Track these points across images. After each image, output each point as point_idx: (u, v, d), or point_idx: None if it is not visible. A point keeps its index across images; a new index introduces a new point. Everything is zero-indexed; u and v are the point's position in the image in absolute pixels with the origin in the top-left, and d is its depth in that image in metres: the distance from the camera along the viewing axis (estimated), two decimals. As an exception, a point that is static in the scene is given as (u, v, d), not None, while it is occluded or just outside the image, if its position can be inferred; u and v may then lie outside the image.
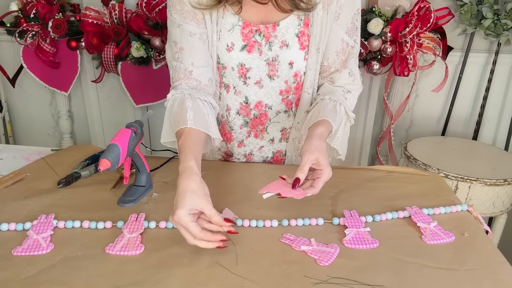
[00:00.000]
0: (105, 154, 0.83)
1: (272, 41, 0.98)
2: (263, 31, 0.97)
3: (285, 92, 1.05)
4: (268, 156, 1.17)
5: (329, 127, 0.92)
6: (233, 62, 1.01)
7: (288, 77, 1.03)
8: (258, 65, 1.01)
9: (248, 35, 0.98)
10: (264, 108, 1.08)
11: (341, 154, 1.00)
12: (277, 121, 1.10)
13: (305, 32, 0.98)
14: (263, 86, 1.04)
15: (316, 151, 0.83)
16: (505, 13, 1.74)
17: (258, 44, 0.99)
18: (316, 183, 0.83)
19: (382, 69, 1.85)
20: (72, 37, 1.89)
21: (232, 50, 0.99)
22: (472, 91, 2.03)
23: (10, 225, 0.83)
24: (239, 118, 1.10)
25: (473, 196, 1.53)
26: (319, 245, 0.79)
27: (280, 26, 0.97)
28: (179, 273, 0.71)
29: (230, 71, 1.02)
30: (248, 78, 1.03)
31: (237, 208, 0.90)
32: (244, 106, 1.08)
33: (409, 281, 0.71)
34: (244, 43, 0.98)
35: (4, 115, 2.27)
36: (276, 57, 1.00)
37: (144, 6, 1.80)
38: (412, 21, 1.69)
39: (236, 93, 1.06)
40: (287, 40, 0.98)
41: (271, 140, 1.14)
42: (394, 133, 2.06)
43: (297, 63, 1.01)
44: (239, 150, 1.15)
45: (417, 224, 0.86)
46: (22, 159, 1.16)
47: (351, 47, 1.02)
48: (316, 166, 0.84)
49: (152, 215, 0.88)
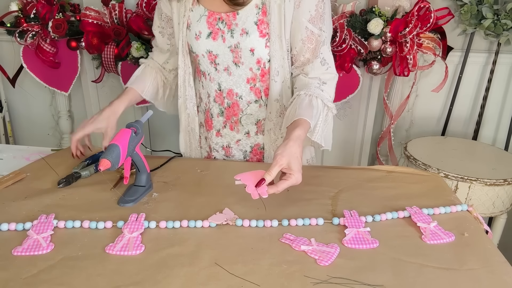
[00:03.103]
0: (105, 154, 0.83)
1: (234, 29, 1.04)
2: (225, 19, 1.04)
3: (252, 80, 1.10)
4: (247, 150, 1.19)
5: (307, 126, 0.94)
6: (202, 49, 1.09)
7: (252, 64, 1.07)
8: (224, 52, 1.07)
9: (212, 23, 1.06)
10: (235, 97, 1.12)
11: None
12: (250, 113, 1.14)
13: (264, 20, 1.02)
14: (231, 73, 1.10)
15: (287, 156, 0.84)
16: (505, 13, 1.73)
17: (221, 31, 1.06)
18: (280, 183, 0.84)
19: (382, 69, 1.85)
20: (72, 37, 1.89)
21: (200, 38, 1.08)
22: (472, 91, 2.03)
23: (10, 225, 0.83)
24: (216, 106, 1.17)
25: (473, 196, 1.53)
26: (319, 245, 0.79)
27: (240, 15, 1.03)
28: (179, 273, 0.71)
29: (202, 58, 1.11)
30: (217, 64, 1.10)
31: (237, 208, 0.90)
32: (218, 93, 1.15)
33: (409, 281, 0.71)
34: (209, 31, 1.07)
35: (4, 115, 2.27)
36: (237, 44, 1.05)
37: (144, 6, 1.80)
38: (412, 21, 1.69)
39: (211, 79, 1.14)
40: (247, 28, 1.03)
41: (247, 134, 1.17)
42: (394, 133, 2.06)
43: (258, 50, 1.05)
44: (217, 140, 1.20)
45: (417, 224, 0.86)
46: (22, 159, 1.16)
47: (318, 36, 1.04)
48: (286, 170, 0.85)
49: (152, 215, 0.88)
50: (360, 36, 1.76)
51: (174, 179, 1.04)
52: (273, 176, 0.84)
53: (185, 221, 0.85)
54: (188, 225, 0.85)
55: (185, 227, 0.84)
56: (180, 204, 0.93)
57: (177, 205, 0.92)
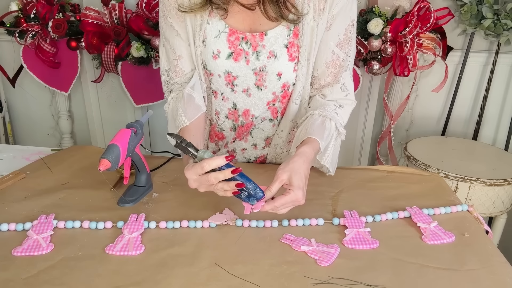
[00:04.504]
0: (105, 154, 0.83)
1: (260, 51, 0.96)
2: (250, 40, 0.95)
3: (272, 101, 1.04)
4: (251, 159, 1.17)
5: (316, 145, 0.89)
6: (220, 70, 1.00)
7: (276, 88, 1.01)
8: (245, 74, 0.99)
9: (234, 43, 0.96)
10: (251, 118, 1.07)
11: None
12: (261, 128, 1.09)
13: (295, 43, 0.96)
14: (251, 95, 1.03)
15: (289, 171, 0.80)
16: (505, 13, 1.73)
17: (245, 52, 0.97)
18: (277, 198, 0.79)
19: (382, 69, 1.85)
20: (72, 37, 1.89)
21: (218, 58, 0.97)
22: (472, 91, 2.03)
23: (10, 225, 0.83)
24: (229, 121, 1.10)
25: (473, 196, 1.53)
26: (319, 245, 0.79)
27: (268, 36, 0.94)
28: (179, 273, 0.71)
29: (217, 78, 1.02)
30: (235, 85, 1.02)
31: (237, 208, 0.90)
32: (232, 111, 1.07)
33: (409, 282, 0.71)
34: (230, 51, 0.97)
35: (4, 115, 2.27)
36: (263, 67, 0.98)
37: (144, 6, 1.80)
38: (412, 21, 1.69)
39: (224, 99, 1.06)
40: (275, 51, 0.96)
41: (254, 146, 1.13)
42: (394, 133, 2.06)
43: (285, 74, 0.98)
44: (223, 150, 1.16)
45: (417, 224, 0.86)
46: (22, 159, 1.16)
47: (342, 60, 0.99)
48: (287, 186, 0.81)
49: (152, 215, 0.88)
50: (360, 36, 1.76)
51: (174, 179, 1.04)
52: (273, 193, 0.79)
53: (185, 221, 0.85)
54: (188, 225, 0.84)
55: (185, 227, 0.84)
56: (180, 204, 0.93)
57: (177, 205, 0.92)
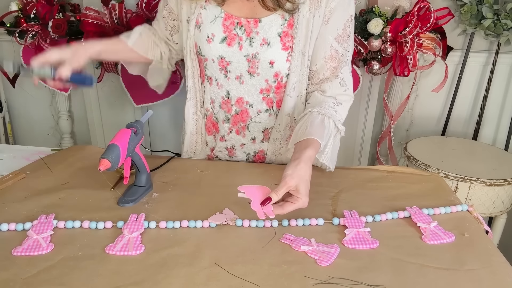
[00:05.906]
0: (105, 154, 0.83)
1: (253, 37, 0.98)
2: (244, 25, 0.97)
3: (266, 90, 1.05)
4: (250, 154, 1.17)
5: (317, 146, 0.91)
6: (213, 54, 1.02)
7: (269, 76, 1.02)
8: (238, 60, 1.01)
9: (229, 27, 0.98)
10: (245, 105, 1.08)
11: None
12: (258, 121, 1.10)
13: (289, 33, 0.96)
14: (244, 82, 1.04)
15: (297, 178, 0.81)
16: (505, 13, 1.73)
17: (238, 37, 0.98)
18: (286, 205, 0.81)
19: (382, 69, 1.85)
20: (72, 37, 1.88)
21: (212, 42, 1.00)
22: (472, 91, 2.02)
23: (10, 225, 0.83)
24: (222, 112, 1.11)
25: (473, 196, 1.53)
26: (319, 245, 0.79)
27: (262, 23, 0.96)
28: (179, 273, 0.71)
29: (211, 63, 1.04)
30: (228, 71, 1.03)
31: (237, 208, 0.90)
32: (225, 101, 1.08)
33: (409, 282, 0.71)
34: (224, 35, 0.99)
35: (4, 115, 2.27)
36: (256, 54, 0.99)
37: (144, 6, 1.80)
38: (412, 21, 1.69)
39: (218, 86, 1.07)
40: (269, 38, 0.97)
41: (253, 140, 1.14)
42: (394, 133, 2.06)
43: (278, 63, 0.99)
44: (221, 144, 1.16)
45: (417, 224, 0.86)
46: (22, 159, 1.16)
47: (341, 55, 1.00)
48: (294, 193, 0.82)
49: (152, 215, 0.88)
50: (360, 36, 1.76)
51: (174, 179, 1.04)
52: (279, 197, 0.81)
53: (185, 221, 0.85)
54: (188, 225, 0.84)
55: (185, 227, 0.84)
56: (180, 204, 0.93)
57: (177, 205, 0.92)
